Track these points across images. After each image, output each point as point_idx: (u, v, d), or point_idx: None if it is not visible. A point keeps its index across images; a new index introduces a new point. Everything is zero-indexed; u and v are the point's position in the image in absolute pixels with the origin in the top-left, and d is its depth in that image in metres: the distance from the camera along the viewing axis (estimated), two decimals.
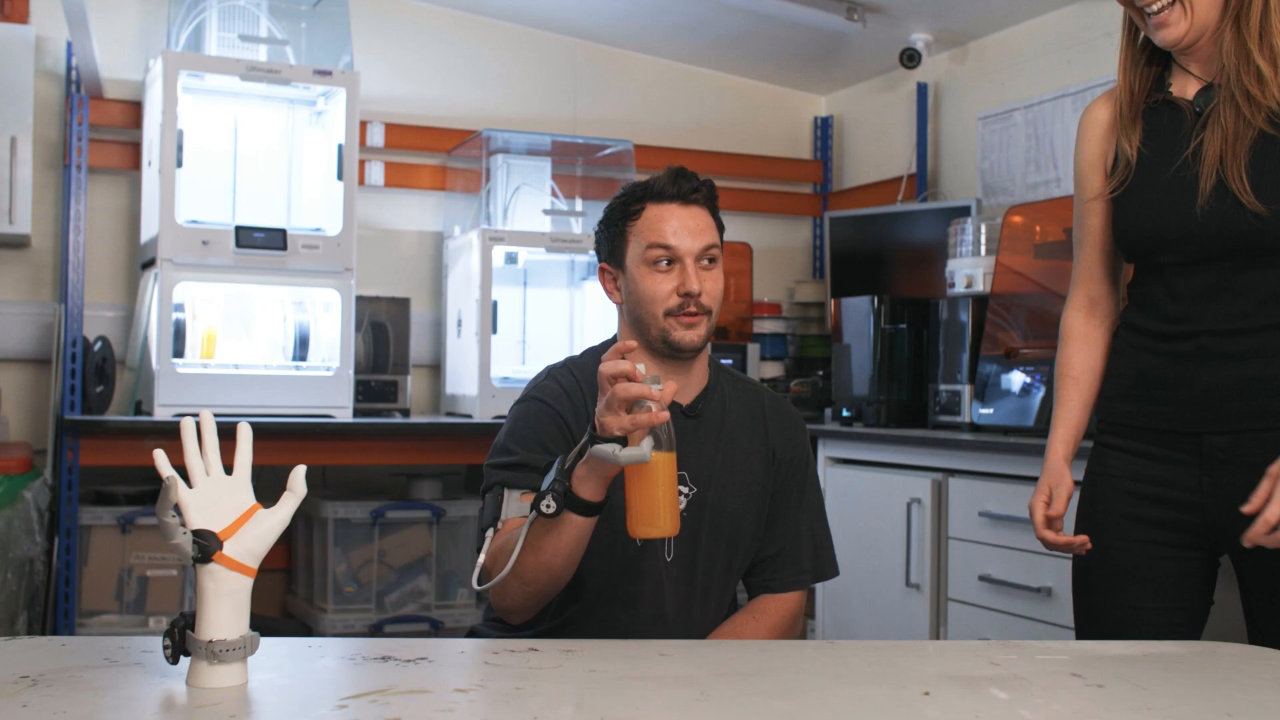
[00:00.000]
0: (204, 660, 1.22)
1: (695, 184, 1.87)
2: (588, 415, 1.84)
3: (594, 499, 1.63)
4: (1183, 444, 1.82)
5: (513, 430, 1.86)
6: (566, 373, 1.92)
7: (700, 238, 1.85)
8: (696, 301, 1.83)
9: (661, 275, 1.84)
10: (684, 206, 1.85)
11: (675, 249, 1.83)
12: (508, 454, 1.83)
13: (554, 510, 1.59)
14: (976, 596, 3.03)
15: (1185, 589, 1.85)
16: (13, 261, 3.78)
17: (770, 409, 1.99)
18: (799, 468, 1.99)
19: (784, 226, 4.87)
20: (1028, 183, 3.96)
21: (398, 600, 3.79)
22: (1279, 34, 1.75)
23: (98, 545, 3.48)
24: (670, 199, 1.85)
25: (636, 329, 1.88)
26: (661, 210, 1.85)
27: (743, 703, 1.23)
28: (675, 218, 1.84)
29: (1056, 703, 1.25)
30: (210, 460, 1.28)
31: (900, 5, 4.01)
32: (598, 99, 4.55)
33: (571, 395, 1.87)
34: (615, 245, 1.90)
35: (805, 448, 2.02)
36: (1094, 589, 1.92)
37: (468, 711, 1.17)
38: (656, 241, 1.84)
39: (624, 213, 1.88)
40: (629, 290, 1.88)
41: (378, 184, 4.20)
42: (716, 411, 1.93)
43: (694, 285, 1.82)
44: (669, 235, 1.84)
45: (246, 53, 3.73)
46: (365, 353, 3.92)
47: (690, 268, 1.84)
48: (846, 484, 3.53)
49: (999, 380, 3.20)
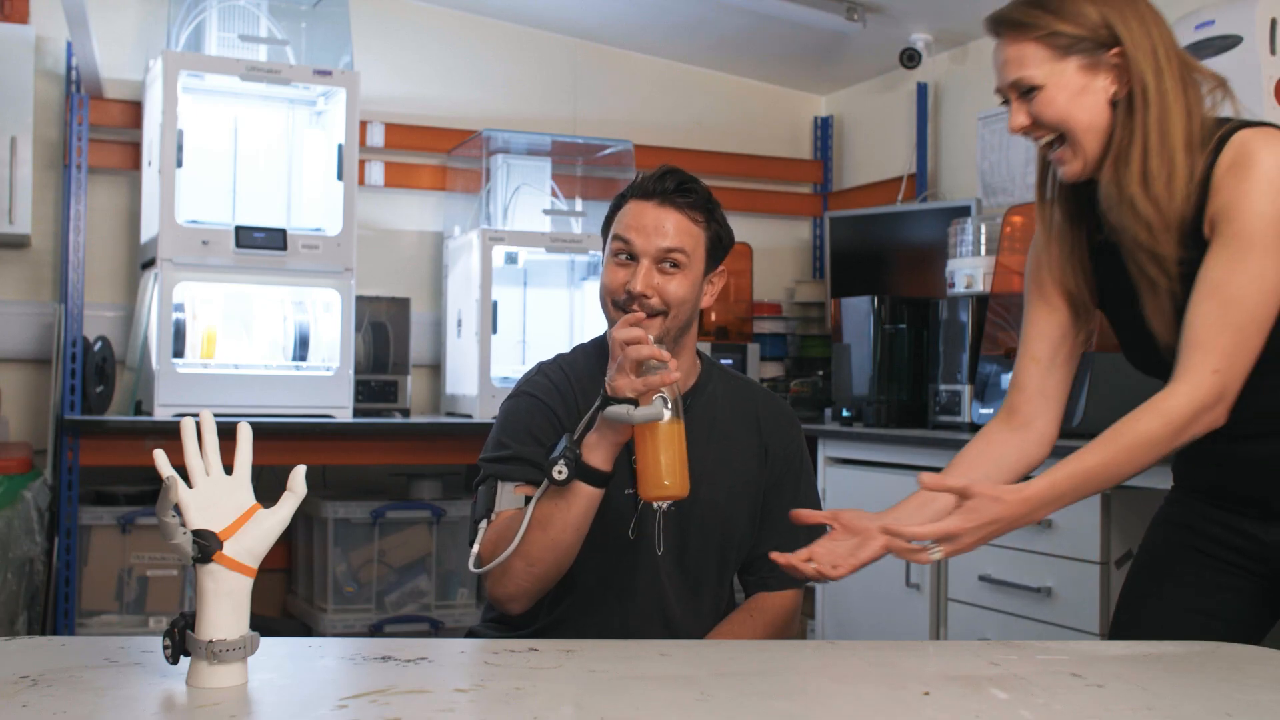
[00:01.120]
0: (204, 660, 1.22)
1: (676, 184, 1.85)
2: (578, 410, 1.85)
3: (603, 468, 1.67)
4: (1252, 502, 1.77)
5: (504, 425, 1.88)
6: (556, 368, 1.93)
7: (661, 238, 1.82)
8: (642, 302, 1.81)
9: (620, 268, 1.85)
10: (659, 206, 1.84)
11: (632, 244, 1.83)
12: (500, 447, 1.84)
13: (565, 476, 1.64)
14: (976, 596, 3.03)
15: (1235, 603, 1.79)
16: (13, 261, 3.78)
17: (764, 407, 1.99)
18: (793, 465, 1.98)
19: (784, 226, 4.87)
20: (1028, 183, 3.96)
21: (398, 600, 3.79)
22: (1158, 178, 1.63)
23: (98, 545, 3.48)
24: (648, 196, 1.85)
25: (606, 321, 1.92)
26: (636, 206, 1.86)
27: (743, 703, 1.23)
28: (645, 215, 1.84)
29: (1056, 703, 1.25)
30: (210, 460, 1.28)
31: (900, 5, 4.01)
32: (598, 99, 4.55)
33: (562, 390, 1.88)
34: (604, 237, 1.93)
35: (801, 446, 2.02)
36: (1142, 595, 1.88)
37: (468, 711, 1.17)
38: (619, 234, 1.85)
39: (614, 205, 1.91)
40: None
41: (378, 184, 4.20)
42: (706, 407, 1.93)
43: (637, 284, 1.81)
44: (630, 231, 1.84)
45: (246, 53, 3.73)
46: (365, 353, 3.92)
47: (644, 266, 1.82)
48: (846, 484, 3.53)
49: (999, 380, 3.20)
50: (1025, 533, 2.86)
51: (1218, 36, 3.10)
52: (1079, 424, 2.94)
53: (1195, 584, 1.81)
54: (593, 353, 1.96)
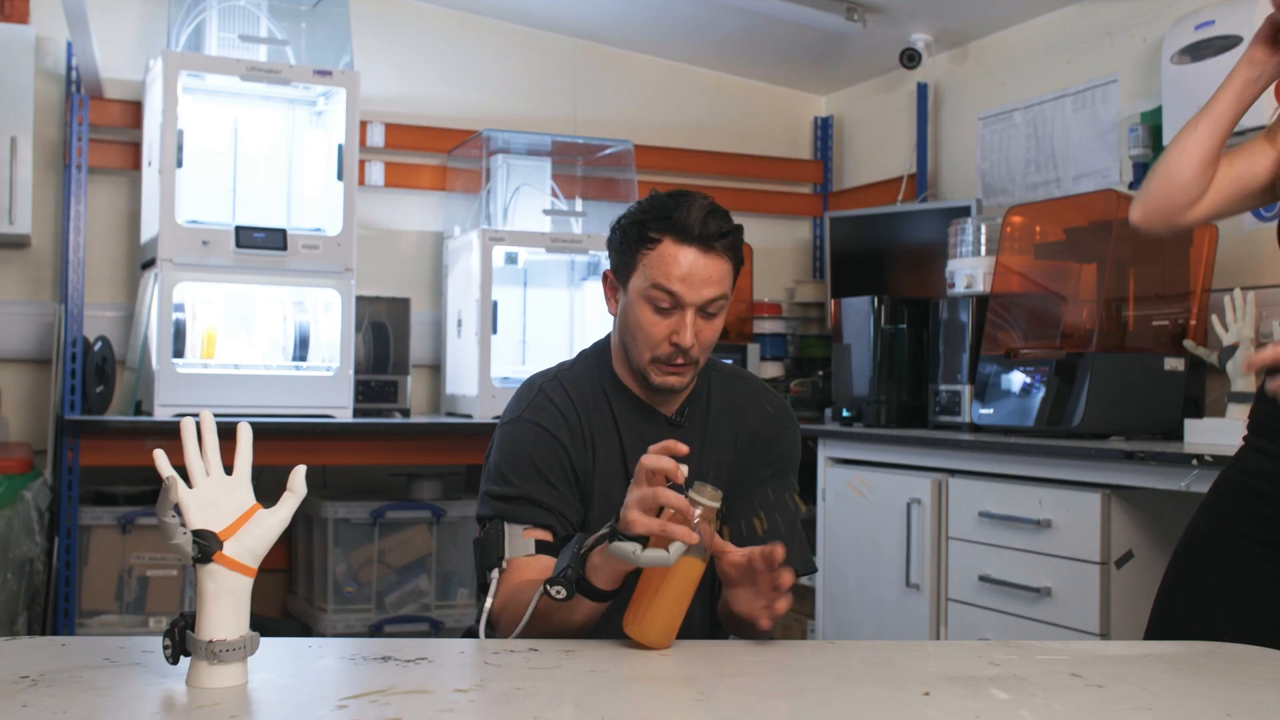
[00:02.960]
0: (204, 660, 1.22)
1: (723, 229, 1.74)
2: (584, 436, 1.80)
3: (608, 588, 1.54)
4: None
5: (507, 457, 1.79)
6: (558, 387, 1.84)
7: (709, 289, 1.74)
8: (685, 353, 1.76)
9: (658, 316, 1.75)
10: (703, 254, 1.73)
11: (679, 296, 1.73)
12: (505, 483, 1.76)
13: (564, 597, 1.52)
14: (976, 597, 3.03)
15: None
16: (13, 261, 3.78)
17: (759, 404, 1.94)
18: (782, 461, 1.93)
19: (784, 226, 4.87)
20: (1028, 183, 3.96)
21: (398, 600, 3.79)
22: None
23: (98, 545, 3.48)
24: (692, 241, 1.73)
25: (624, 352, 1.83)
26: (678, 251, 1.73)
27: (743, 703, 1.23)
28: (690, 263, 1.72)
29: (1056, 703, 1.25)
30: (210, 460, 1.28)
31: (900, 5, 4.01)
32: (598, 99, 4.55)
33: (566, 414, 1.81)
34: (624, 263, 1.79)
35: (793, 443, 1.96)
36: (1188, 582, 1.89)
37: (468, 711, 1.17)
38: (662, 285, 1.73)
39: (640, 236, 1.76)
40: (625, 313, 1.81)
41: (378, 184, 4.20)
42: (701, 414, 1.89)
43: (687, 339, 1.73)
44: (676, 282, 1.72)
45: (246, 53, 3.73)
46: (365, 353, 3.92)
47: (689, 318, 1.74)
48: (847, 484, 3.53)
49: (999, 380, 3.20)
50: (1025, 533, 2.87)
51: (1218, 37, 3.10)
52: (1079, 424, 2.94)
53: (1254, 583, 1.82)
54: (594, 360, 1.90)
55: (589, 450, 1.82)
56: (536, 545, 1.72)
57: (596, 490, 1.82)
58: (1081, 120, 3.77)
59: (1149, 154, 3.43)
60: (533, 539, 1.73)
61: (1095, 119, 3.72)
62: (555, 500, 1.76)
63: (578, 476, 1.80)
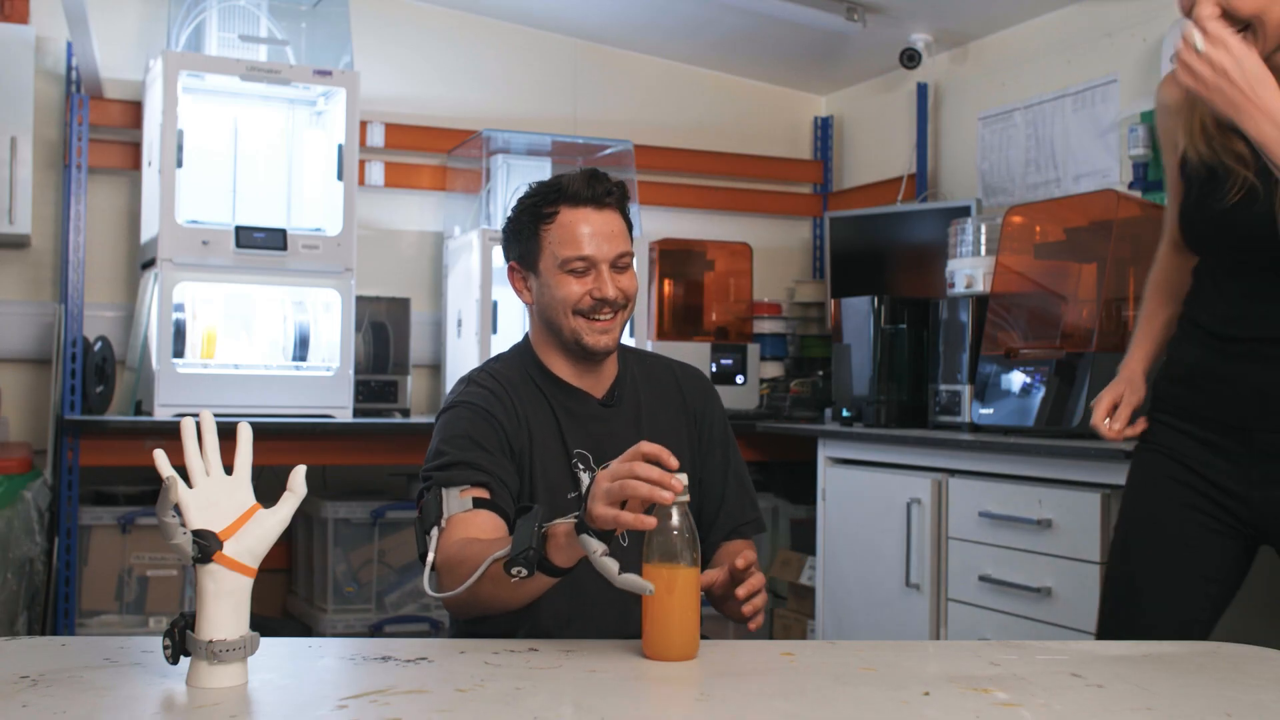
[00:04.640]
0: (204, 660, 1.22)
1: (609, 186, 1.85)
2: (517, 413, 1.85)
3: (566, 565, 1.52)
4: (1233, 435, 1.86)
5: (442, 435, 1.83)
6: (488, 376, 1.90)
7: (615, 244, 1.85)
8: (611, 303, 1.85)
9: (575, 279, 1.84)
10: (598, 211, 1.84)
11: (591, 258, 1.83)
12: (440, 456, 1.79)
13: (525, 577, 1.49)
14: (976, 596, 3.03)
15: (1225, 564, 1.89)
16: (13, 261, 3.78)
17: (682, 377, 2.02)
18: (718, 427, 2.00)
19: (784, 226, 4.87)
20: (1028, 183, 3.96)
21: (398, 600, 3.79)
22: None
23: (98, 545, 3.48)
24: (584, 203, 1.84)
25: (549, 331, 1.89)
26: (575, 215, 1.84)
27: (743, 703, 1.23)
28: (590, 223, 1.83)
29: (1056, 703, 1.25)
30: (210, 460, 1.28)
31: (900, 5, 4.01)
32: (598, 99, 4.55)
33: (499, 396, 1.86)
34: (527, 248, 1.88)
35: (723, 412, 2.03)
36: (1135, 555, 1.94)
37: (468, 711, 1.17)
38: (573, 255, 1.83)
39: (535, 214, 1.86)
40: (541, 293, 1.88)
41: (378, 184, 4.20)
42: (632, 395, 1.95)
43: (608, 290, 1.83)
44: (585, 245, 1.83)
45: (246, 53, 3.73)
46: (365, 353, 3.92)
47: (605, 273, 1.84)
48: (846, 484, 3.53)
49: (999, 380, 3.20)
50: (1025, 532, 2.86)
51: None
52: (1079, 424, 2.94)
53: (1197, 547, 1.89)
54: (516, 358, 1.95)
55: (524, 428, 1.85)
56: (474, 502, 1.72)
57: (537, 466, 1.85)
58: (1081, 120, 3.77)
59: (1149, 154, 3.43)
60: (470, 496, 1.73)
61: (1095, 119, 3.72)
62: (490, 464, 1.78)
63: (513, 450, 1.83)
